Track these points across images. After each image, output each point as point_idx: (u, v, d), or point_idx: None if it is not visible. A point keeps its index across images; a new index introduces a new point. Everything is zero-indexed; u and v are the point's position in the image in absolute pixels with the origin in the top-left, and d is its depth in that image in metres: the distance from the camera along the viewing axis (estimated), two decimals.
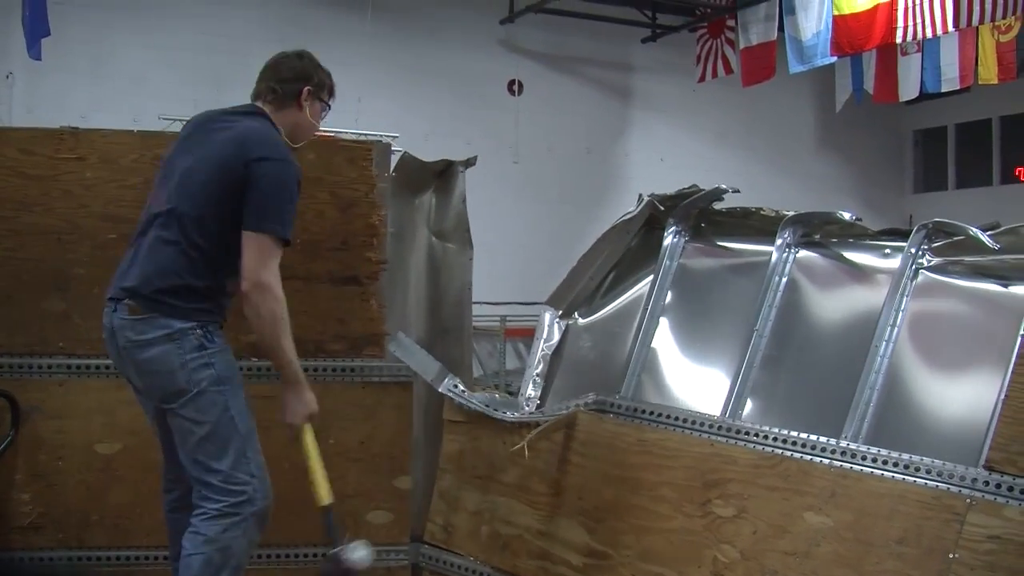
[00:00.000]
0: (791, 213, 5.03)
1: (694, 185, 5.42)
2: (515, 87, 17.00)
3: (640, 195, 5.56)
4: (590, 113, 17.63)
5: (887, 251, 4.73)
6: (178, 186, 4.32)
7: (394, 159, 5.73)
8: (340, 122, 8.66)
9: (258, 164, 4.24)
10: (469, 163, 5.79)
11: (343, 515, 5.00)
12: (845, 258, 4.89)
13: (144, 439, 5.14)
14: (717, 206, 5.39)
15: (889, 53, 14.33)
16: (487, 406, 5.31)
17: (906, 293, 4.55)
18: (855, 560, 4.07)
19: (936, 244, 4.58)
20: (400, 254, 5.85)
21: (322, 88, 4.69)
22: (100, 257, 5.15)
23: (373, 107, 13.97)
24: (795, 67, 13.81)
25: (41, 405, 5.18)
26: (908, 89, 14.60)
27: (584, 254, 5.67)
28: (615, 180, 17.46)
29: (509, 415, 5.23)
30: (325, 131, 5.72)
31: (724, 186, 5.29)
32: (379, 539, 5.31)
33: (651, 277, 5.42)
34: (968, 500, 3.87)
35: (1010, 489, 3.79)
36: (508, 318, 15.35)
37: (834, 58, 13.70)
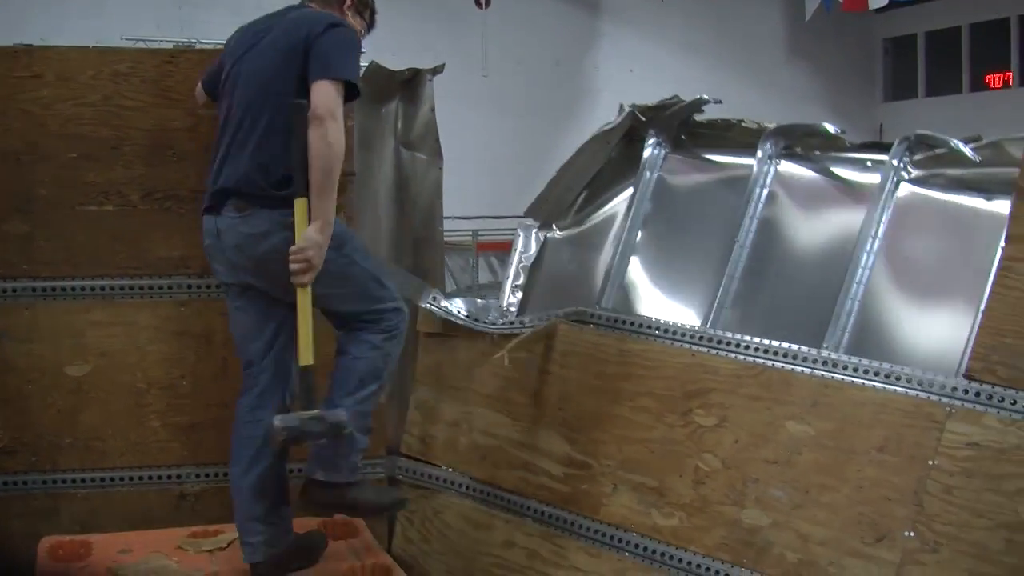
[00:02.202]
0: (773, 125, 4.98)
1: (675, 96, 5.35)
2: (482, 1, 16.83)
3: (620, 105, 5.49)
4: (558, 26, 17.51)
5: (868, 164, 4.72)
6: (249, 85, 4.45)
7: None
8: None
9: (323, 33, 4.36)
10: (436, 71, 5.70)
11: None
12: (826, 170, 4.87)
13: (114, 360, 5.15)
14: (698, 118, 5.33)
15: None
16: (468, 316, 5.27)
17: (887, 205, 4.53)
18: (836, 467, 4.09)
19: (917, 157, 4.56)
20: (368, 165, 5.77)
21: (364, 6, 4.82)
22: (62, 177, 5.05)
23: None
24: None
25: (7, 330, 5.10)
26: None
27: (563, 165, 5.61)
28: (585, 93, 17.40)
29: (491, 327, 5.19)
30: None
31: (706, 96, 5.22)
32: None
33: (631, 189, 5.38)
34: (948, 408, 3.89)
35: (989, 397, 3.82)
36: (479, 232, 15.35)
37: None
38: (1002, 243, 3.92)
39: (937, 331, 4.29)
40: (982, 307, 3.96)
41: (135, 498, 5.18)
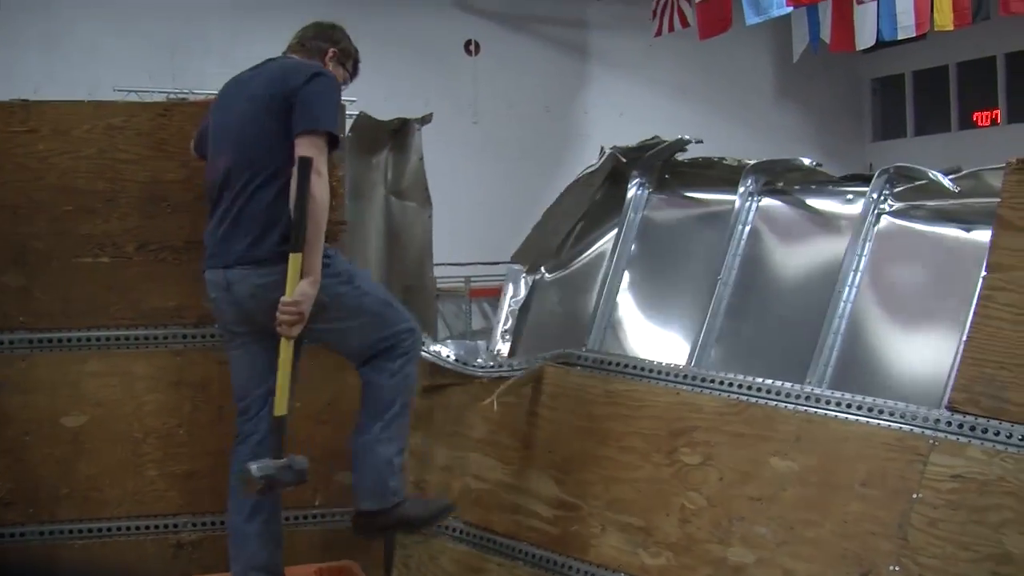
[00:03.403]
0: (753, 162, 5.04)
1: (656, 136, 5.41)
2: (472, 47, 16.93)
3: (602, 148, 5.57)
4: (548, 71, 17.56)
5: (849, 196, 4.78)
6: (237, 139, 4.54)
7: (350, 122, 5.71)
8: None
9: (305, 83, 4.47)
10: (425, 120, 5.77)
11: (312, 476, 5.02)
12: (807, 204, 4.93)
13: (111, 410, 5.19)
14: (680, 157, 5.39)
15: (844, 2, 14.28)
16: (458, 360, 5.32)
17: (868, 238, 4.59)
18: (820, 503, 4.12)
19: (898, 189, 4.61)
20: (359, 214, 5.83)
21: (347, 56, 4.96)
22: (57, 229, 5.12)
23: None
24: (751, 19, 13.80)
25: (4, 381, 5.13)
26: (864, 37, 14.55)
27: (548, 208, 5.70)
28: (575, 137, 17.43)
29: (481, 372, 5.24)
30: None
31: (687, 136, 5.29)
32: (349, 500, 5.34)
33: (616, 230, 5.43)
34: (931, 440, 3.92)
35: (972, 429, 3.85)
36: (472, 278, 15.36)
37: (790, 8, 13.71)
38: (983, 273, 3.95)
39: (920, 363, 4.33)
40: (964, 337, 3.99)
41: (133, 548, 5.20)
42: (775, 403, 4.39)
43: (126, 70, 13.38)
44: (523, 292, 5.73)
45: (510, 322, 5.68)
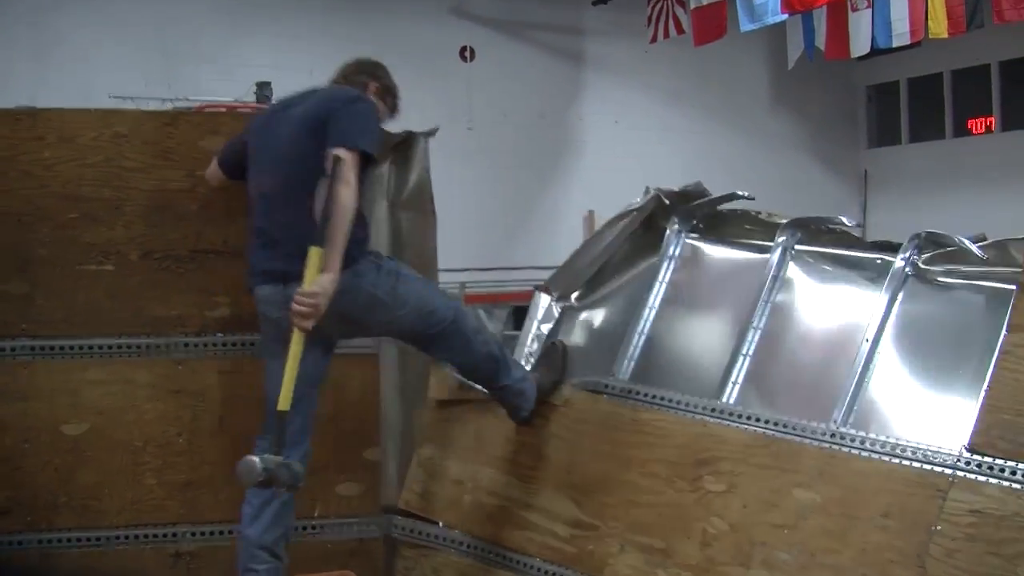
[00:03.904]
0: (786, 220, 5.11)
1: (698, 182, 5.48)
2: (467, 54, 16.95)
3: (647, 187, 5.63)
4: (543, 78, 17.60)
5: (879, 261, 4.88)
6: (281, 159, 4.68)
7: None
8: None
9: (344, 105, 4.63)
10: (430, 134, 5.76)
11: (312, 487, 5.04)
12: (840, 260, 5.04)
13: (111, 418, 5.17)
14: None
15: (839, 9, 14.35)
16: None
17: (896, 296, 4.71)
18: (841, 532, 4.23)
19: (927, 255, 4.75)
20: None
21: (388, 93, 5.13)
22: (61, 237, 5.10)
23: (326, 79, 13.85)
24: (746, 25, 13.86)
25: (5, 388, 5.12)
26: (859, 45, 14.62)
27: (587, 239, 5.85)
28: (570, 144, 17.48)
29: None
30: None
31: (740, 192, 5.35)
32: (350, 511, 5.39)
33: (650, 267, 5.47)
34: (951, 479, 4.09)
35: (990, 468, 4.03)
36: (468, 284, 15.37)
37: (785, 15, 13.75)
38: (1004, 332, 4.15)
39: (940, 412, 4.44)
40: (985, 387, 4.15)
41: (131, 557, 5.18)
42: (800, 439, 4.52)
43: (121, 77, 13.39)
44: (550, 316, 5.74)
45: (536, 345, 5.69)
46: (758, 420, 4.67)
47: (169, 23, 14.58)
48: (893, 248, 4.84)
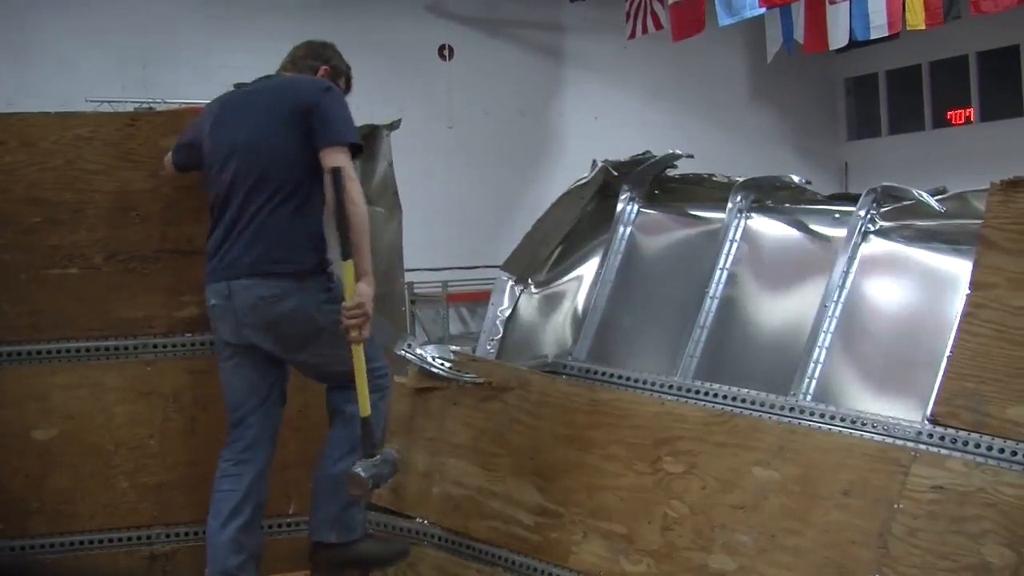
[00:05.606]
0: (741, 179, 5.06)
1: (648, 152, 5.44)
2: (446, 52, 16.90)
3: (594, 160, 5.59)
4: (522, 75, 17.55)
5: (836, 215, 4.81)
6: (250, 153, 4.59)
7: None
8: None
9: (320, 99, 4.58)
10: (393, 126, 5.74)
11: (285, 484, 5.02)
12: (795, 222, 4.96)
13: (81, 422, 5.15)
14: (671, 172, 5.42)
15: (817, 2, 14.32)
16: (442, 363, 5.31)
17: (855, 256, 4.62)
18: (802, 512, 4.15)
19: (885, 209, 4.65)
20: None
21: (339, 73, 5.02)
22: (25, 242, 5.07)
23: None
24: (724, 20, 13.82)
25: None
26: (837, 37, 14.58)
27: (538, 220, 5.72)
28: (551, 141, 17.45)
29: (468, 378, 5.22)
30: None
31: (678, 151, 5.32)
32: None
33: (605, 242, 5.43)
34: (912, 452, 3.97)
35: (953, 441, 3.92)
36: (449, 283, 15.35)
37: (763, 9, 13.74)
38: (966, 291, 4.00)
39: (902, 378, 4.32)
40: (947, 353, 4.02)
41: (106, 561, 5.15)
42: (759, 414, 4.44)
43: (99, 81, 13.34)
44: (511, 301, 5.71)
45: (497, 331, 5.66)
46: (716, 395, 4.62)
47: (146, 26, 14.50)
48: (852, 200, 4.74)
